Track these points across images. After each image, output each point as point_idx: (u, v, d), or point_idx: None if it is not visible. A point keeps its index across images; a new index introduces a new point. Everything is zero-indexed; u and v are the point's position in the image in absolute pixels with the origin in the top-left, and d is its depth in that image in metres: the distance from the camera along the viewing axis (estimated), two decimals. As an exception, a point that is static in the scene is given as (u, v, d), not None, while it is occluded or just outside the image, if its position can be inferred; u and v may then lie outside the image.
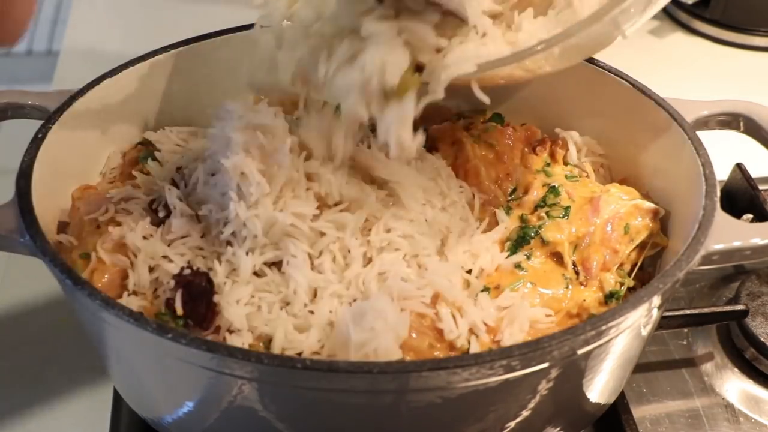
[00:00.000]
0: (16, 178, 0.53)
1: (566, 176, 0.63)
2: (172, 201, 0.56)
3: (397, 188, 0.57)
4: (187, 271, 0.51)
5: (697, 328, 0.74)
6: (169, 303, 0.50)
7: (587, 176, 0.66)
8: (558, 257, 0.58)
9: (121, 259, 0.54)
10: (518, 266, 0.57)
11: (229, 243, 0.53)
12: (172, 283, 0.50)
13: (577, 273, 0.57)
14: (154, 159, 0.62)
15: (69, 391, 0.69)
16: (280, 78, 0.53)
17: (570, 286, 0.56)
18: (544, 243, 0.58)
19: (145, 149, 0.65)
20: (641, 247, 0.60)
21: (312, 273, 0.52)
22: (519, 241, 0.58)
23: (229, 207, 0.52)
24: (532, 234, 0.58)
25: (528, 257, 0.57)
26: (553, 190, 0.61)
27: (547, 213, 0.59)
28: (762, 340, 0.69)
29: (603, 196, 0.60)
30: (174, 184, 0.58)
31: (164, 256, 0.53)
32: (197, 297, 0.49)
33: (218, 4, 1.23)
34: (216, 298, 0.49)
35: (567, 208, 0.59)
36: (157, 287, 0.53)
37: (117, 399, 0.66)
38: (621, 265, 0.59)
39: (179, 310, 0.49)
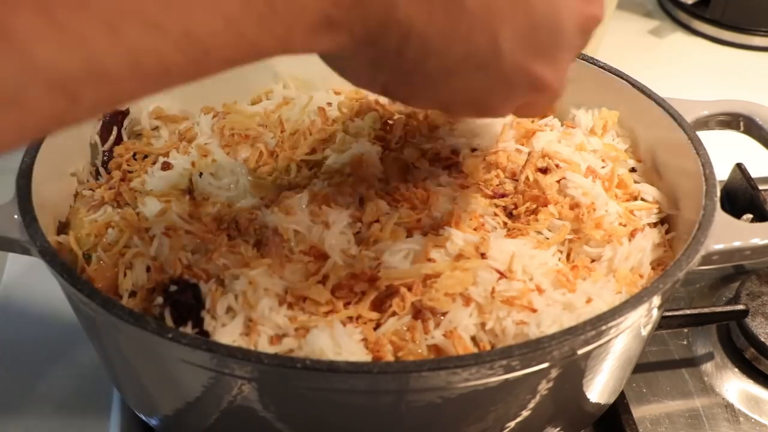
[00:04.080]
0: (16, 178, 0.53)
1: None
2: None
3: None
4: (173, 287, 0.50)
5: (697, 328, 0.74)
6: (161, 315, 0.50)
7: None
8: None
9: (121, 260, 0.54)
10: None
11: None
12: (161, 299, 0.50)
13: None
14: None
15: (69, 391, 0.69)
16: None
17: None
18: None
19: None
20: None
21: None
22: None
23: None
24: None
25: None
26: None
27: None
28: (762, 340, 0.69)
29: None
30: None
31: (154, 258, 0.54)
32: (185, 313, 0.49)
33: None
34: (203, 314, 0.49)
35: None
36: (155, 288, 0.53)
37: (117, 399, 0.66)
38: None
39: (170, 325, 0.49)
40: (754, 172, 0.84)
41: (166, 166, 0.61)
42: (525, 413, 0.50)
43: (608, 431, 0.65)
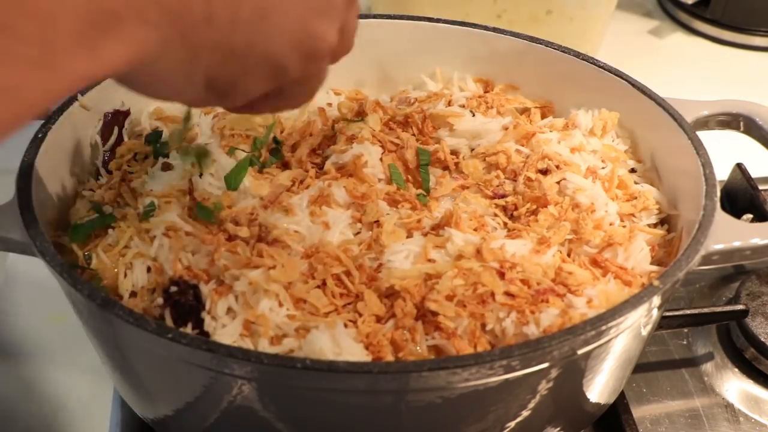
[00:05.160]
0: (16, 178, 0.53)
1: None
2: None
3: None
4: (173, 288, 0.50)
5: (697, 328, 0.74)
6: (161, 316, 0.50)
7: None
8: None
9: (121, 260, 0.54)
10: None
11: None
12: (161, 300, 0.50)
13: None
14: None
15: (69, 391, 0.69)
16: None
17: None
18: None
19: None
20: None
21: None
22: None
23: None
24: None
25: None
26: None
27: None
28: (762, 340, 0.69)
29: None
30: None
31: (154, 259, 0.54)
32: (186, 314, 0.50)
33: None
34: (203, 314, 0.49)
35: None
36: (155, 288, 0.53)
37: (117, 399, 0.66)
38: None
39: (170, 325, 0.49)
40: (754, 172, 0.84)
41: (166, 167, 0.61)
42: (525, 413, 0.50)
43: (608, 431, 0.65)
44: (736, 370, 0.71)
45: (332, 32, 0.42)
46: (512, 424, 0.50)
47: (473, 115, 0.65)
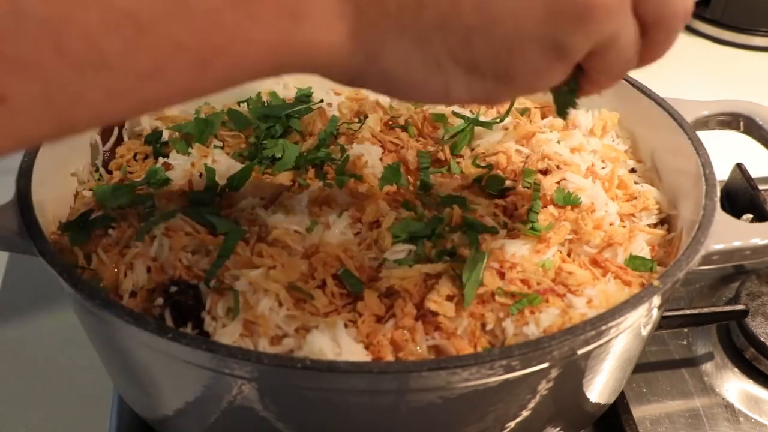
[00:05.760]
0: (16, 178, 0.53)
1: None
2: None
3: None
4: (173, 288, 0.50)
5: (697, 328, 0.74)
6: (161, 316, 0.50)
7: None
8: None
9: (122, 261, 0.54)
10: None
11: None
12: (161, 300, 0.50)
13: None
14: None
15: (69, 391, 0.69)
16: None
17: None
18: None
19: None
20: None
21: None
22: None
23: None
24: None
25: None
26: None
27: None
28: (762, 340, 0.69)
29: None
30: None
31: (154, 259, 0.54)
32: (186, 314, 0.50)
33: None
34: (203, 314, 0.49)
35: None
36: (155, 288, 0.53)
37: (117, 399, 0.66)
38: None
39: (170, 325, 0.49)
40: (754, 172, 0.84)
41: (167, 167, 0.61)
42: (525, 413, 0.50)
43: (608, 431, 0.65)
44: (736, 370, 0.71)
45: None
46: (512, 424, 0.50)
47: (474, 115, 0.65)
